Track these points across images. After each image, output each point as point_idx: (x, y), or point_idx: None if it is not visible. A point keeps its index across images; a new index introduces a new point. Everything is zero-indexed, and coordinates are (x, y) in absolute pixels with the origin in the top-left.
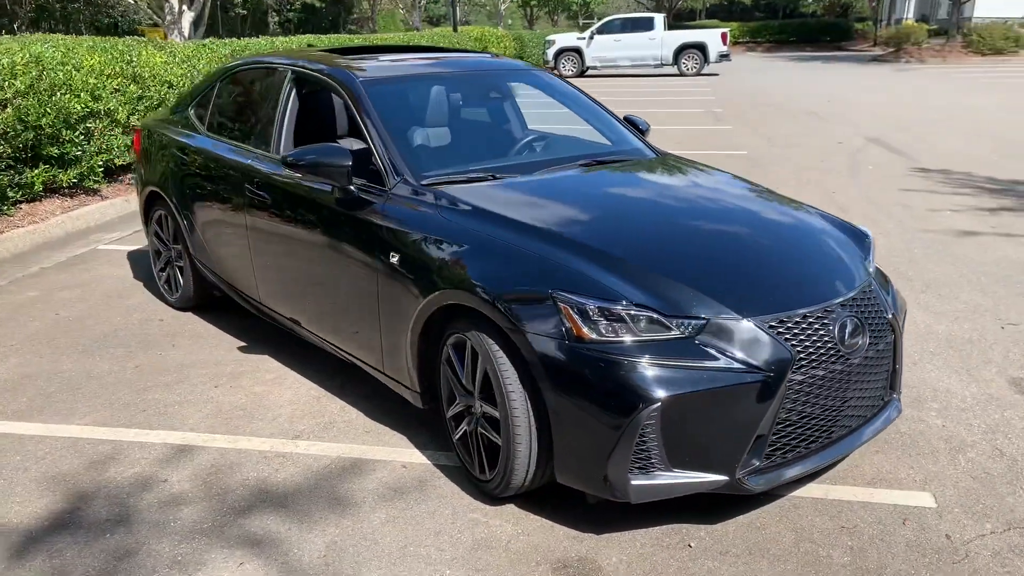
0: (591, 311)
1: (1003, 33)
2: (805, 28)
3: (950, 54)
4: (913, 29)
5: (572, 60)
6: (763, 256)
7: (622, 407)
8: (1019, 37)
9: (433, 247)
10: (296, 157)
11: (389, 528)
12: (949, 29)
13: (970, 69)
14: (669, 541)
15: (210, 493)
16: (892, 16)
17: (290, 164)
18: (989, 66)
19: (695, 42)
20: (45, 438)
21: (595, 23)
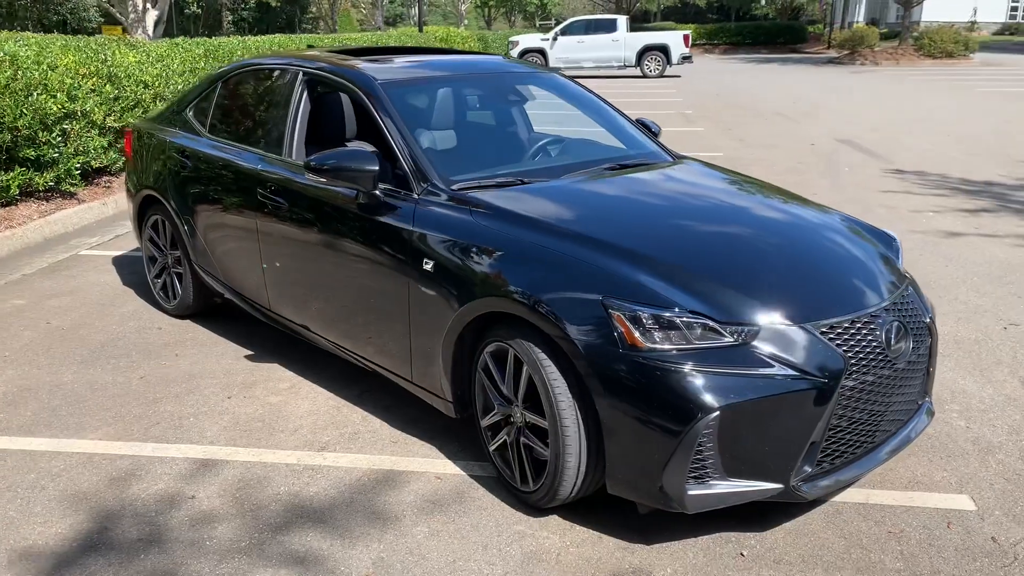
0: (645, 319)
1: (952, 37)
2: (760, 30)
3: (903, 57)
4: (866, 32)
5: (536, 61)
6: (807, 262)
7: (680, 417)
8: (968, 41)
9: (472, 254)
10: (320, 161)
11: (434, 542)
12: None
13: (924, 71)
14: (721, 550)
15: (242, 509)
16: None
17: (314, 168)
18: (941, 69)
19: (658, 44)
20: (58, 454)
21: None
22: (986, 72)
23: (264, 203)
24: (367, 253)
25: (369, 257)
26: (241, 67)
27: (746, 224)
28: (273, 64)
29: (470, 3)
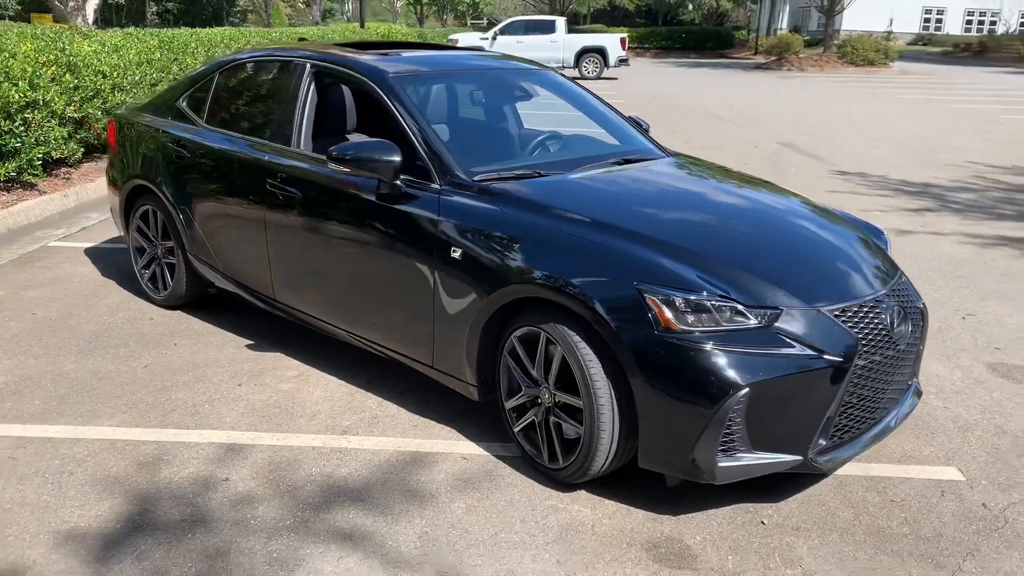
0: (678, 302)
1: (873, 46)
2: (689, 35)
3: (827, 64)
4: (791, 40)
5: None
6: (814, 250)
7: (712, 394)
8: (888, 50)
9: (502, 243)
10: (342, 151)
11: (473, 517)
12: (824, 40)
13: (848, 78)
14: (742, 519)
15: (279, 490)
16: (772, 26)
17: (337, 159)
18: (863, 76)
19: (595, 46)
20: (78, 440)
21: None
22: (905, 80)
23: (273, 193)
24: (387, 242)
25: (389, 246)
26: (241, 58)
27: (754, 215)
28: (279, 56)
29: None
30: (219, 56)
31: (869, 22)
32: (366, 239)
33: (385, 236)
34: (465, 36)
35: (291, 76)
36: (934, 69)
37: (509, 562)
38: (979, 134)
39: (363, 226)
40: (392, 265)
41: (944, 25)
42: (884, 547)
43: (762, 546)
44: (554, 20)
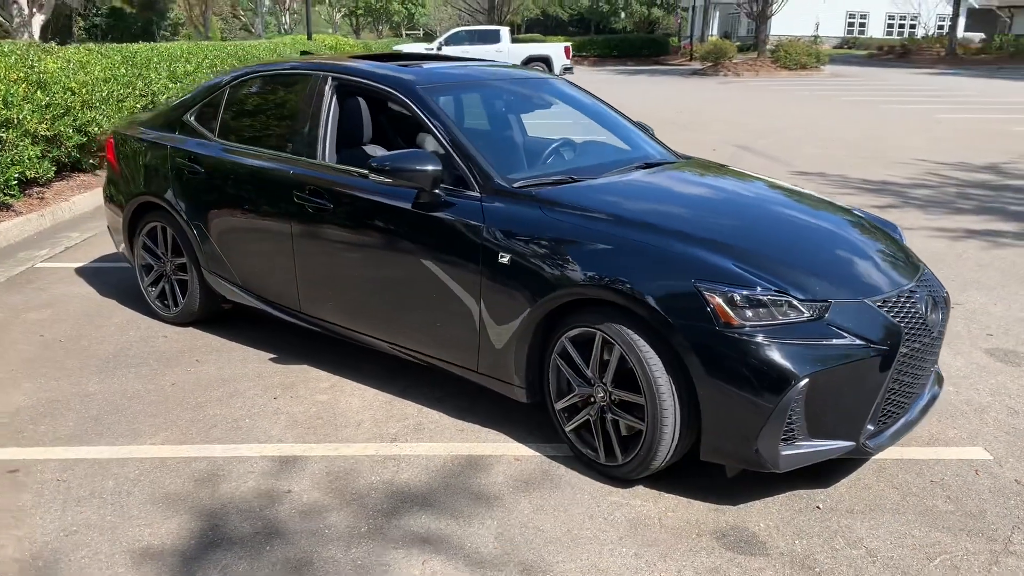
0: (737, 298)
1: (806, 50)
2: (626, 43)
3: (762, 68)
4: (725, 46)
5: None
6: (848, 244)
7: (774, 386)
8: (819, 54)
9: (551, 247)
10: (381, 163)
11: (543, 516)
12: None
13: (784, 82)
14: (798, 505)
15: (345, 499)
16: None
17: (377, 169)
18: (798, 79)
19: (540, 55)
20: (126, 460)
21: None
22: (838, 82)
23: (301, 206)
24: (428, 250)
25: (430, 254)
26: (253, 73)
27: (785, 214)
28: (296, 70)
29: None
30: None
31: (796, 27)
32: (404, 248)
33: (425, 244)
34: (407, 47)
35: (312, 89)
36: (862, 71)
37: (589, 557)
38: (921, 133)
39: (401, 235)
40: (434, 272)
41: (867, 29)
42: (935, 524)
43: (823, 529)
44: (498, 30)
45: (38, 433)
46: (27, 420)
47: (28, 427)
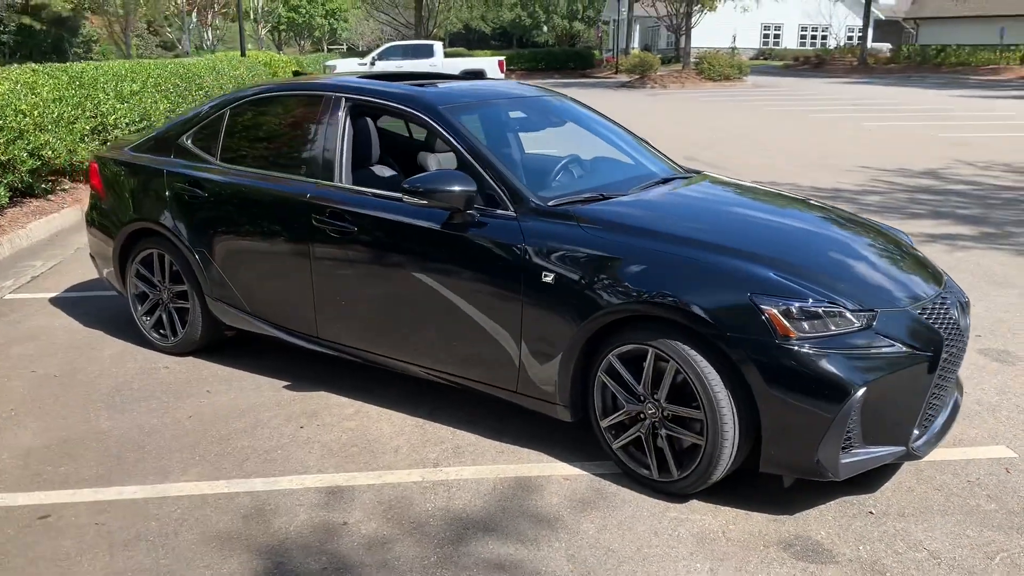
0: (794, 311)
1: (728, 62)
2: (552, 56)
3: (687, 80)
4: (650, 59)
5: None
6: (879, 255)
7: (834, 396)
8: (741, 65)
9: (599, 264)
10: (414, 184)
11: (609, 536)
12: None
13: (710, 93)
14: (851, 512)
15: (405, 528)
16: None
17: (411, 191)
18: (723, 90)
19: (475, 69)
20: (163, 499)
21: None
22: (762, 93)
23: (321, 229)
24: (462, 271)
25: (465, 275)
26: (255, 95)
27: (814, 227)
28: (305, 91)
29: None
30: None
31: (714, 40)
32: (437, 269)
33: (460, 265)
34: (343, 62)
35: (326, 110)
36: (782, 81)
37: (666, 573)
38: (855, 141)
39: (433, 256)
40: (470, 293)
41: (782, 40)
42: (985, 523)
43: (882, 534)
44: (432, 44)
45: (59, 475)
46: (43, 461)
47: (46, 469)
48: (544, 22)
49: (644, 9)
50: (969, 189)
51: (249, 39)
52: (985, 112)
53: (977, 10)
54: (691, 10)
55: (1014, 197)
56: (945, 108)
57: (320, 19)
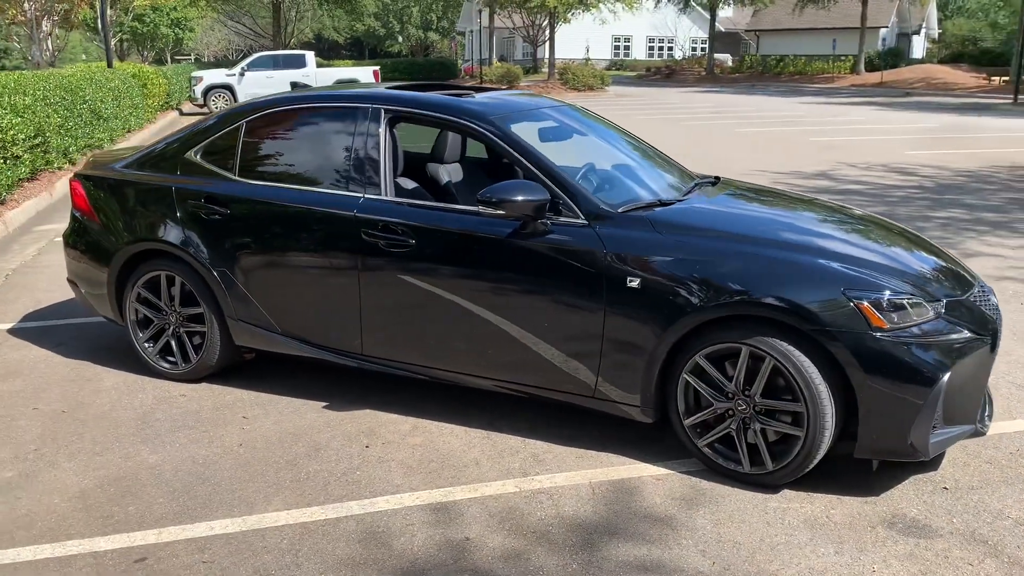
0: (884, 303)
1: (591, 73)
2: (415, 66)
3: (552, 90)
4: (515, 70)
5: (224, 97)
6: (921, 249)
7: (926, 380)
8: (603, 76)
9: (689, 268)
10: (487, 195)
11: (728, 529)
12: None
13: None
14: (928, 488)
15: (531, 539)
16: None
17: (486, 202)
18: (591, 99)
19: (349, 79)
20: (262, 531)
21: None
22: (628, 102)
23: (372, 243)
24: (538, 280)
25: (540, 283)
26: (274, 106)
27: (861, 226)
28: (337, 103)
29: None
30: None
31: (569, 50)
32: (508, 279)
33: (533, 274)
34: (210, 73)
35: (364, 122)
36: (641, 91)
37: (798, 560)
38: (738, 147)
39: (504, 267)
40: (544, 301)
41: (632, 51)
42: None
43: (965, 507)
44: (304, 55)
45: (131, 515)
46: (104, 502)
47: (113, 510)
48: (399, 32)
49: (501, 20)
50: (863, 188)
51: (97, 49)
52: (836, 117)
53: (811, 23)
54: (554, 23)
55: (906, 195)
56: (798, 114)
57: (165, 28)
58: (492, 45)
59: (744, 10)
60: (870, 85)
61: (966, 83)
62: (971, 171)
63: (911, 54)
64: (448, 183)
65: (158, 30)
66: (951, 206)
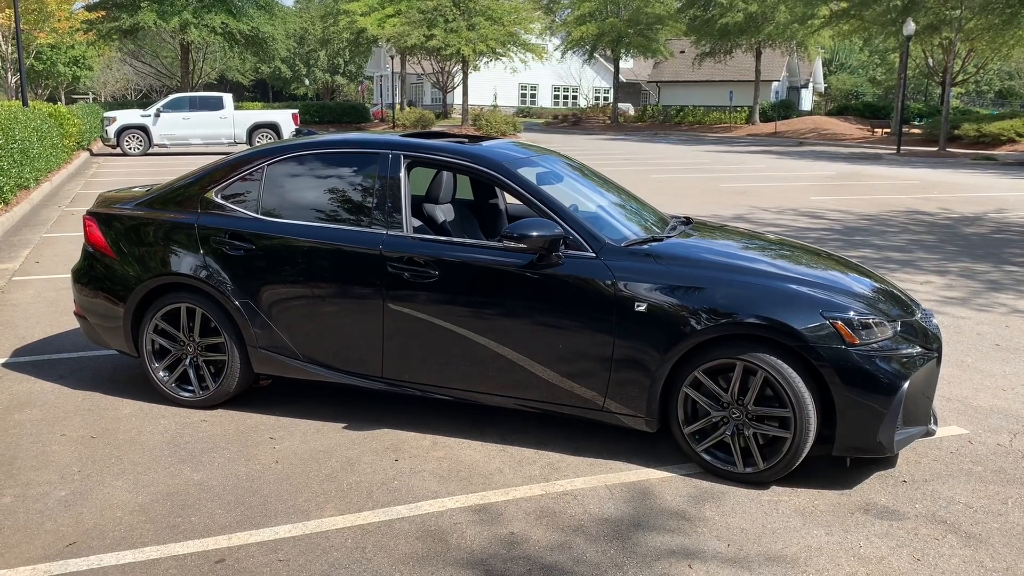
0: (855, 323)
1: (504, 119)
2: (326, 109)
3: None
4: (427, 115)
5: (138, 138)
6: (869, 277)
7: (891, 388)
8: (516, 122)
9: (688, 294)
10: (510, 231)
11: (735, 519)
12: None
13: None
14: (890, 482)
15: (569, 533)
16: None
17: (509, 237)
18: None
19: (268, 122)
20: (326, 533)
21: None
22: None
23: (396, 275)
24: (552, 306)
25: (555, 309)
26: (295, 150)
27: (818, 258)
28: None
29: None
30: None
31: (477, 97)
32: (524, 306)
33: (548, 301)
34: (123, 113)
35: (386, 165)
36: (552, 137)
37: (799, 540)
38: (658, 191)
39: (521, 295)
40: (558, 325)
41: (538, 99)
42: (982, 479)
43: (923, 495)
44: (221, 97)
45: (196, 524)
46: (166, 514)
47: (176, 520)
48: (305, 75)
49: (411, 66)
50: (781, 231)
51: None
52: (740, 165)
53: (709, 76)
54: (466, 69)
55: (819, 237)
56: (704, 162)
57: (63, 67)
58: (404, 90)
59: (645, 62)
60: (765, 135)
61: (852, 134)
62: (872, 215)
63: (801, 106)
64: (444, 222)
65: (55, 68)
66: (861, 246)
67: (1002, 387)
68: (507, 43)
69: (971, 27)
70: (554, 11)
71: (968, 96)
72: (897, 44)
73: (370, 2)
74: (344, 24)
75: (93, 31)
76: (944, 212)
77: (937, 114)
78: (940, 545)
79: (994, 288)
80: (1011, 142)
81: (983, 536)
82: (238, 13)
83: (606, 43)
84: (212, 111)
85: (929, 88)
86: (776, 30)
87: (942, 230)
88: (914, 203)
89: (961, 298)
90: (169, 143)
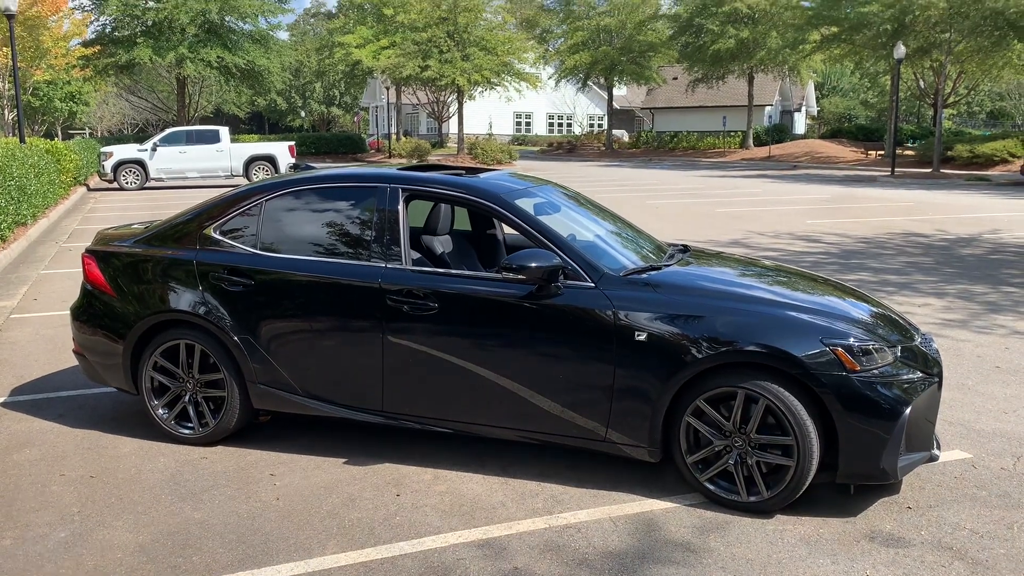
0: (855, 349)
1: (499, 147)
2: (323, 140)
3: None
4: (425, 145)
5: (135, 172)
6: (865, 301)
7: (893, 414)
8: (511, 151)
9: (688, 323)
10: (510, 263)
11: (738, 549)
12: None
13: None
14: (894, 509)
15: (573, 567)
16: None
17: (509, 268)
18: None
19: (264, 154)
20: (330, 570)
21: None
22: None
23: (395, 308)
24: (552, 336)
25: (555, 338)
26: (291, 186)
27: (815, 284)
28: (355, 183)
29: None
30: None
31: (473, 126)
32: (524, 337)
33: (548, 331)
34: (120, 148)
35: (382, 200)
36: (547, 164)
37: (804, 570)
38: (656, 217)
39: (521, 326)
40: (560, 356)
41: (533, 127)
42: (987, 504)
43: (928, 522)
44: (217, 130)
45: (197, 564)
46: (167, 555)
47: (177, 560)
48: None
49: (406, 97)
50: (777, 255)
51: None
52: (735, 189)
53: (702, 101)
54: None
55: (816, 260)
56: (699, 187)
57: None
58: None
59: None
60: (759, 159)
61: (846, 156)
62: (868, 238)
63: (794, 130)
64: (443, 253)
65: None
66: (858, 269)
67: (1004, 410)
68: (501, 72)
69: (961, 50)
70: (547, 40)
71: (960, 117)
72: (888, 67)
73: (365, 34)
74: (339, 56)
75: (89, 67)
76: (940, 233)
77: (930, 136)
78: (947, 572)
79: (993, 309)
80: (1004, 162)
81: (990, 562)
82: (233, 47)
83: (599, 71)
84: (209, 144)
85: (921, 110)
86: (768, 55)
87: (939, 252)
88: (910, 225)
89: (960, 320)
90: (166, 177)
